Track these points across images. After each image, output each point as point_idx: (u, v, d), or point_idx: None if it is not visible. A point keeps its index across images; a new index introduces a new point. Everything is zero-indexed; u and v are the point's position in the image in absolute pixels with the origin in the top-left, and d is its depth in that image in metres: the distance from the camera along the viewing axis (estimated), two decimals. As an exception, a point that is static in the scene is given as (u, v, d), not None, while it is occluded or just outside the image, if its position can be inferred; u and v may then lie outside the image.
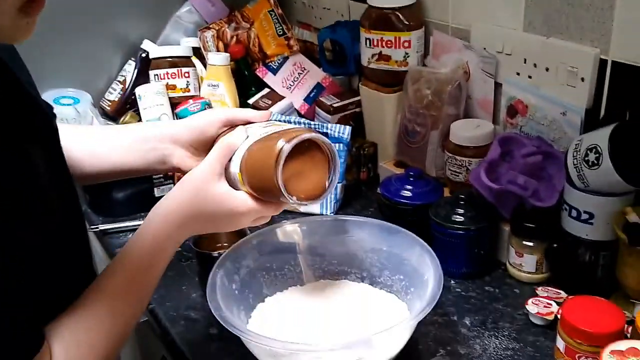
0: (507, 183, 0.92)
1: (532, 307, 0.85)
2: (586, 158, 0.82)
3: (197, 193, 0.68)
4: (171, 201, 0.69)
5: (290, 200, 0.68)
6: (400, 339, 0.74)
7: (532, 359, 0.80)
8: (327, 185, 0.73)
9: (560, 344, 0.76)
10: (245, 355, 0.82)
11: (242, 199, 0.69)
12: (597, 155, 0.81)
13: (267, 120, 0.78)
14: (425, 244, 0.82)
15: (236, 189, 0.70)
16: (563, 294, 0.88)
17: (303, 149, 0.68)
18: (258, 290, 0.87)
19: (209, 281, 0.78)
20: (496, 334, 0.85)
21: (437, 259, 0.78)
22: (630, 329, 0.75)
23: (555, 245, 0.91)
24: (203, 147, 0.78)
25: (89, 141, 0.81)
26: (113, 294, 0.63)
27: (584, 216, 0.85)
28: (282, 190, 0.67)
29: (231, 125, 0.78)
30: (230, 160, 0.70)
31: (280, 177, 0.66)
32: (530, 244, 0.93)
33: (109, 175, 0.81)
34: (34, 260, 0.55)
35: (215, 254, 0.92)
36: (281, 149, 0.66)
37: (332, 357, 0.69)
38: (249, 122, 0.78)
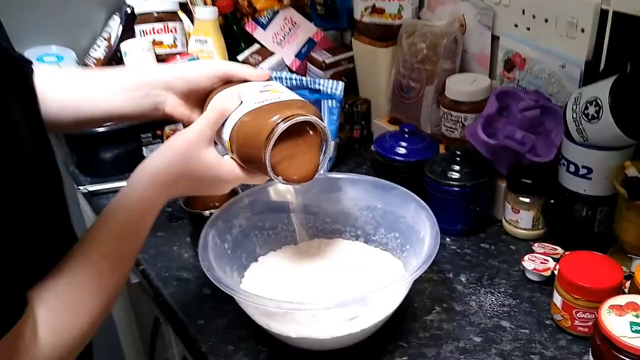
0: (504, 138, 0.90)
1: (528, 263, 0.85)
2: (586, 111, 0.80)
3: (186, 157, 0.67)
4: (159, 162, 0.67)
5: (277, 180, 0.68)
6: (396, 297, 0.72)
7: (528, 314, 0.80)
8: (316, 167, 0.71)
9: (557, 299, 0.76)
10: (239, 315, 0.81)
11: (229, 168, 0.69)
12: (597, 108, 0.78)
13: (266, 80, 0.76)
14: (421, 200, 0.80)
15: (224, 154, 0.69)
16: (559, 250, 0.87)
17: (296, 125, 0.66)
18: (251, 250, 0.85)
19: (201, 241, 0.76)
20: (492, 291, 0.84)
21: (433, 216, 0.77)
22: (628, 283, 0.74)
23: (552, 201, 0.89)
24: (196, 97, 0.76)
25: (79, 85, 0.78)
26: (99, 256, 0.61)
27: (582, 171, 0.84)
28: (269, 169, 0.66)
29: (227, 81, 0.76)
30: (222, 125, 0.69)
31: (269, 156, 0.65)
32: (527, 200, 0.91)
33: (100, 121, 0.79)
34: (11, 223, 0.52)
35: (206, 213, 0.90)
36: (274, 128, 0.64)
37: (327, 316, 0.68)
38: (246, 80, 0.75)
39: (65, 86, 0.75)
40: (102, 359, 1.30)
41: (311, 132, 0.70)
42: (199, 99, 0.76)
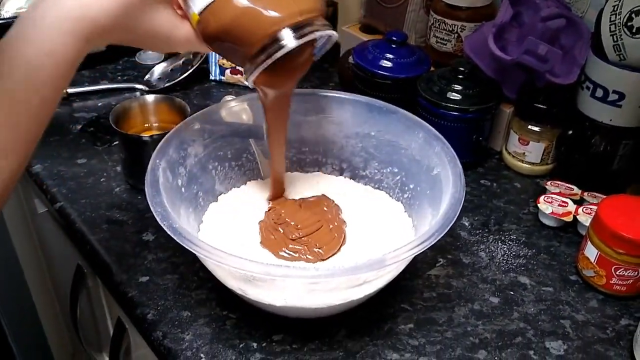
0: (522, 54, 0.73)
1: (544, 205, 0.71)
2: (629, 23, 0.66)
3: (131, 11, 0.47)
4: (86, 6, 0.45)
5: (250, 86, 0.54)
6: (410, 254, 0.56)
7: (548, 268, 0.67)
8: (304, 71, 0.58)
9: (590, 252, 0.63)
10: (196, 271, 0.64)
11: (184, 37, 0.51)
12: (646, 20, 0.64)
13: None
14: (432, 128, 0.64)
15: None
16: (576, 190, 0.74)
17: None
18: (209, 187, 0.66)
19: (149, 177, 0.56)
20: (502, 238, 0.71)
21: (453, 150, 0.61)
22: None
23: (570, 131, 0.75)
24: None
25: None
26: None
27: (612, 97, 0.70)
28: (251, 79, 0.51)
29: None
30: None
31: (258, 72, 0.50)
32: (538, 129, 0.77)
33: None
34: None
35: (145, 137, 0.70)
36: (277, 40, 0.48)
37: (331, 283, 0.51)
38: None
39: None
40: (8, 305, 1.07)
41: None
42: None
